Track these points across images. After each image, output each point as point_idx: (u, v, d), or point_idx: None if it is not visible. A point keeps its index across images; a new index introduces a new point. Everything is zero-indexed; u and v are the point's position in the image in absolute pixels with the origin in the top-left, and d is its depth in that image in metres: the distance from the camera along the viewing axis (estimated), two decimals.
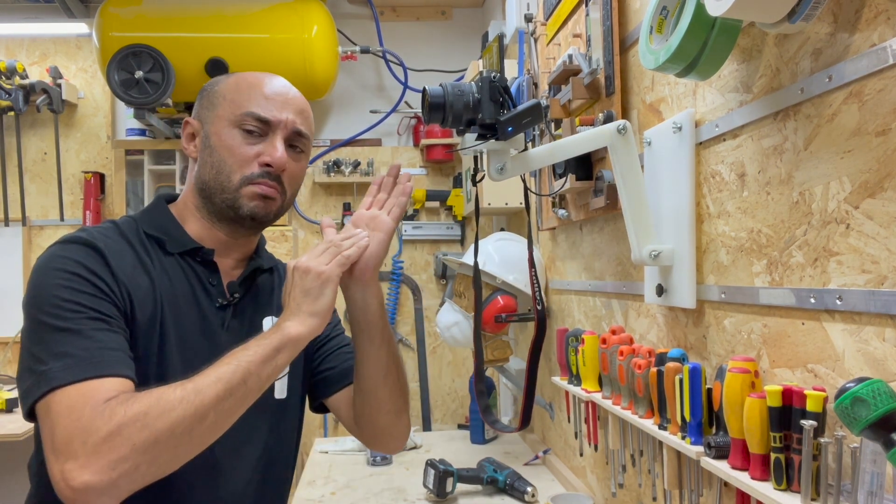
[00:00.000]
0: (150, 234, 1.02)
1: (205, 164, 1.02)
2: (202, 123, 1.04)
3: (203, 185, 1.03)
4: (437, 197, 3.15)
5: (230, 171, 1.00)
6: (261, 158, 1.01)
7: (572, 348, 1.43)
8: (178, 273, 1.01)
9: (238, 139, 1.01)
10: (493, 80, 1.03)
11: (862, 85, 0.71)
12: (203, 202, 1.04)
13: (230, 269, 1.08)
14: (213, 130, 1.02)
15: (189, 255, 1.03)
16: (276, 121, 1.02)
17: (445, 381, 3.21)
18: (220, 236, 1.05)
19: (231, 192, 1.00)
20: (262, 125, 1.01)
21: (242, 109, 1.01)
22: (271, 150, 1.01)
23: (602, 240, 1.50)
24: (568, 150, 1.14)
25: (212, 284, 1.04)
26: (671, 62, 0.91)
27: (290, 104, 1.04)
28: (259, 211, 1.02)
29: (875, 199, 0.70)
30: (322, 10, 2.82)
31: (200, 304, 1.02)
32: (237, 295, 1.06)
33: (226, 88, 1.04)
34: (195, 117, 1.06)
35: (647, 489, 1.28)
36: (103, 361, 0.83)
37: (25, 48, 3.13)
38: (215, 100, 1.04)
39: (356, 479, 1.91)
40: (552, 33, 1.69)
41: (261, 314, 1.10)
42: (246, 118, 1.00)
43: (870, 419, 0.62)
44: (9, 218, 3.06)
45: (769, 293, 0.88)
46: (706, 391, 0.96)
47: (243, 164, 1.00)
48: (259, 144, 1.01)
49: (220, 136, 1.01)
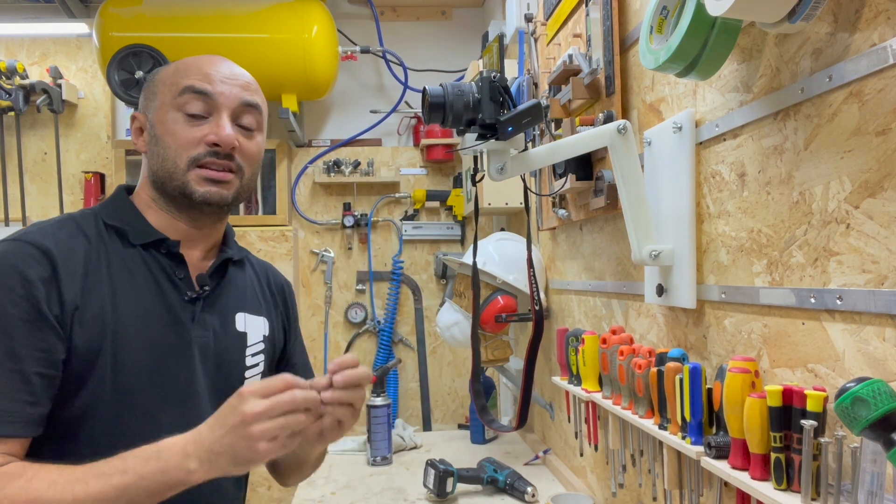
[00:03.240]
0: (111, 224, 0.98)
1: (153, 155, 0.99)
2: (146, 115, 1.01)
3: (154, 176, 0.99)
4: (437, 197, 3.15)
5: (176, 157, 0.96)
6: (207, 138, 0.96)
7: (572, 348, 1.43)
8: (140, 266, 0.97)
9: (181, 122, 0.97)
10: (494, 80, 1.03)
11: (862, 85, 0.71)
12: (157, 194, 1.00)
13: (198, 261, 1.04)
14: (156, 119, 0.99)
15: (153, 246, 0.99)
16: (217, 93, 0.97)
17: (445, 381, 3.21)
18: (182, 227, 1.01)
19: (180, 178, 0.96)
20: (204, 104, 0.97)
21: (179, 87, 0.97)
22: (216, 128, 0.97)
23: (602, 240, 1.50)
24: (568, 150, 1.14)
25: (178, 277, 1.00)
26: (671, 62, 0.91)
27: (232, 79, 1.00)
28: (213, 196, 0.98)
29: (875, 199, 0.70)
30: (322, 10, 2.82)
31: (167, 297, 0.98)
32: (207, 287, 1.02)
33: (165, 75, 1.01)
34: (141, 110, 1.03)
35: (648, 489, 1.28)
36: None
37: (25, 48, 3.13)
38: (156, 88, 1.01)
39: (356, 479, 1.91)
40: (552, 33, 1.69)
41: (233, 309, 1.06)
42: (184, 95, 0.96)
43: (870, 419, 0.62)
44: (9, 218, 3.06)
45: (769, 293, 0.88)
46: (706, 391, 0.96)
47: (189, 147, 0.96)
48: (204, 125, 0.97)
49: (163, 123, 0.98)
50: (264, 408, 0.79)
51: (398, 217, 3.19)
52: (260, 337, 1.10)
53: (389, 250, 3.19)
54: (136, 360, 0.93)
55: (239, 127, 1.00)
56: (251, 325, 1.09)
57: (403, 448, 2.20)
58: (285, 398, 0.80)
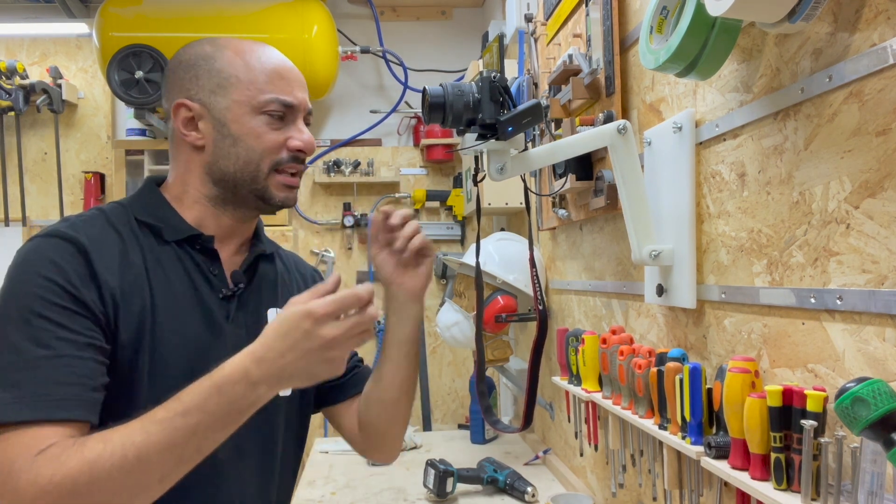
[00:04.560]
0: (143, 220, 0.96)
1: (227, 155, 0.96)
2: (206, 107, 0.96)
3: (225, 176, 0.96)
4: (437, 197, 3.15)
5: (259, 160, 0.96)
6: (291, 143, 0.97)
7: (572, 348, 1.43)
8: (174, 263, 0.95)
9: (264, 126, 0.96)
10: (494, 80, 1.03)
11: (862, 85, 0.71)
12: (221, 192, 0.98)
13: (231, 256, 1.02)
14: (231, 117, 0.95)
15: (187, 242, 0.97)
16: (298, 103, 0.98)
17: (445, 381, 3.21)
18: (224, 222, 1.00)
19: (261, 182, 0.96)
20: (285, 109, 0.97)
21: (265, 94, 0.95)
22: (298, 134, 0.98)
23: (602, 240, 1.50)
24: (568, 150, 1.13)
25: (213, 274, 0.98)
26: (671, 62, 0.91)
27: (301, 82, 1.01)
28: (290, 202, 1.00)
29: (875, 199, 0.70)
30: (322, 10, 2.82)
31: (202, 295, 0.96)
32: (241, 285, 1.01)
33: (234, 68, 0.96)
34: (192, 99, 0.96)
35: (648, 489, 1.28)
36: (51, 400, 0.78)
37: (25, 48, 3.13)
38: (222, 80, 0.96)
39: (356, 479, 1.91)
40: (552, 33, 1.69)
41: (265, 305, 1.05)
42: (270, 104, 0.95)
43: (870, 419, 0.62)
44: (9, 218, 3.06)
45: (769, 293, 0.88)
46: (706, 391, 0.96)
47: (273, 152, 0.96)
48: (283, 129, 0.97)
49: (241, 124, 0.95)
50: (343, 331, 0.78)
51: None
52: None
53: None
54: (173, 361, 0.92)
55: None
56: None
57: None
58: (363, 320, 0.80)
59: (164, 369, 0.91)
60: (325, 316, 0.78)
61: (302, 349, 0.78)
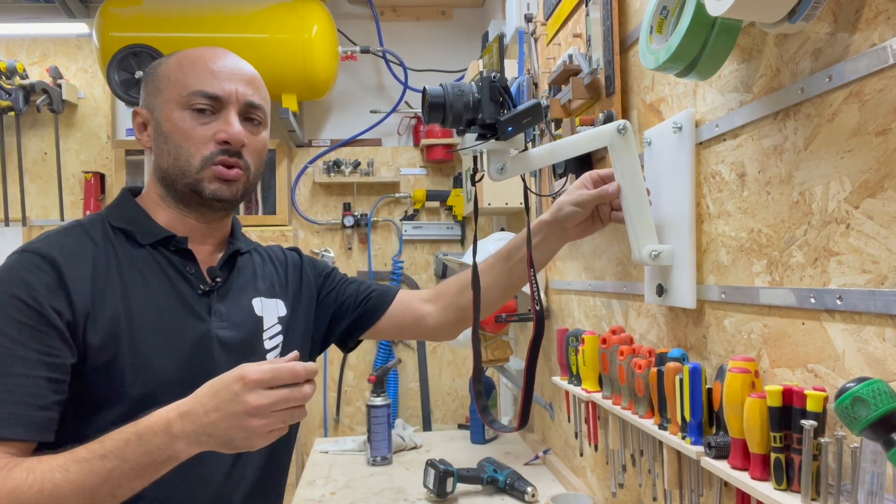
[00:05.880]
0: (118, 226, 0.99)
1: (161, 153, 0.99)
2: (151, 111, 1.01)
3: (163, 173, 1.00)
4: (437, 197, 3.15)
5: (188, 155, 0.97)
6: (217, 136, 0.97)
7: (572, 348, 1.43)
8: (150, 266, 0.98)
9: (189, 121, 0.97)
10: (494, 80, 1.02)
11: (862, 85, 0.71)
12: (166, 191, 1.01)
13: (208, 255, 1.05)
14: (163, 116, 0.98)
15: (161, 245, 1.00)
16: (226, 95, 0.98)
17: (445, 381, 3.21)
18: (191, 223, 1.03)
19: (192, 176, 0.97)
20: (212, 102, 0.97)
21: (189, 88, 0.97)
22: (226, 126, 0.98)
23: (602, 240, 1.50)
24: (568, 150, 1.13)
25: (189, 273, 1.01)
26: (671, 62, 0.91)
27: (238, 76, 1.00)
28: (223, 194, 0.99)
29: (875, 199, 0.70)
30: (322, 10, 2.82)
31: (181, 293, 0.99)
32: (219, 280, 1.03)
33: (168, 69, 1.00)
34: (143, 105, 1.03)
35: (648, 489, 1.28)
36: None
37: (25, 48, 3.13)
38: (160, 83, 1.00)
39: (356, 479, 1.91)
40: (552, 33, 1.69)
41: (248, 296, 1.07)
42: (194, 97, 0.97)
43: (870, 419, 0.62)
44: (9, 218, 3.06)
45: (769, 293, 0.88)
46: (706, 391, 0.96)
47: (200, 146, 0.97)
48: (213, 122, 0.98)
49: (171, 121, 0.98)
50: (270, 401, 0.77)
51: (398, 217, 3.19)
52: (275, 319, 1.11)
53: (389, 250, 3.19)
54: (158, 357, 0.94)
55: (245, 122, 1.01)
56: (266, 309, 1.10)
57: (403, 448, 2.20)
58: (294, 395, 0.78)
59: (149, 366, 0.92)
60: (255, 382, 0.77)
61: (226, 411, 0.77)
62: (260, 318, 1.08)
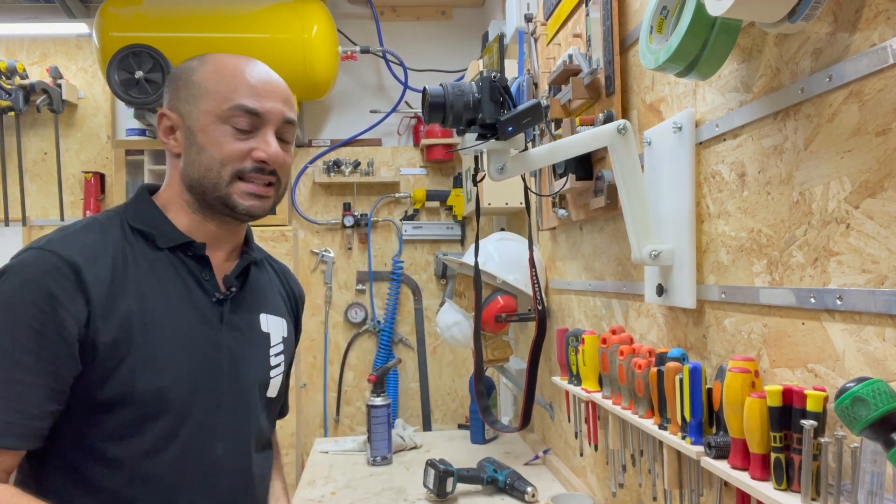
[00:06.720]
0: (137, 228, 0.98)
1: (193, 162, 0.98)
2: (182, 117, 0.99)
3: (193, 182, 0.98)
4: (437, 197, 3.15)
5: (220, 168, 0.96)
6: (255, 154, 0.97)
7: (572, 348, 1.43)
8: (167, 269, 0.98)
9: (228, 135, 0.96)
10: (494, 80, 1.03)
11: (862, 85, 0.71)
12: (193, 198, 1.00)
13: (221, 262, 1.05)
14: (198, 126, 0.97)
15: (179, 249, 0.99)
16: (266, 112, 0.97)
17: (445, 381, 3.21)
18: (211, 228, 1.02)
19: (223, 189, 0.97)
20: (252, 119, 0.97)
21: (230, 102, 0.96)
22: (264, 145, 0.97)
23: (602, 240, 1.50)
24: (568, 150, 1.14)
25: (205, 279, 1.00)
26: (671, 62, 0.91)
27: (277, 92, 0.99)
28: (256, 210, 0.99)
29: (875, 199, 0.70)
30: (322, 10, 2.82)
31: (195, 299, 0.99)
32: (233, 289, 1.03)
33: (206, 78, 0.98)
34: (172, 109, 1.00)
35: (648, 489, 1.28)
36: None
37: (25, 48, 3.13)
38: (195, 91, 0.98)
39: (356, 479, 1.91)
40: (552, 33, 1.69)
41: (256, 311, 1.08)
42: (235, 112, 0.96)
43: (870, 419, 0.62)
44: (9, 218, 3.06)
45: (769, 293, 0.88)
46: (706, 391, 0.96)
47: (235, 161, 0.96)
48: (250, 139, 0.97)
49: (207, 133, 0.96)
50: None
51: (398, 217, 3.19)
52: (280, 338, 1.12)
53: (389, 250, 3.19)
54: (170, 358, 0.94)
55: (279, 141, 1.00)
56: (273, 326, 1.11)
57: (403, 448, 2.20)
58: None
59: (159, 368, 0.93)
60: None
61: None
62: (267, 334, 1.09)
